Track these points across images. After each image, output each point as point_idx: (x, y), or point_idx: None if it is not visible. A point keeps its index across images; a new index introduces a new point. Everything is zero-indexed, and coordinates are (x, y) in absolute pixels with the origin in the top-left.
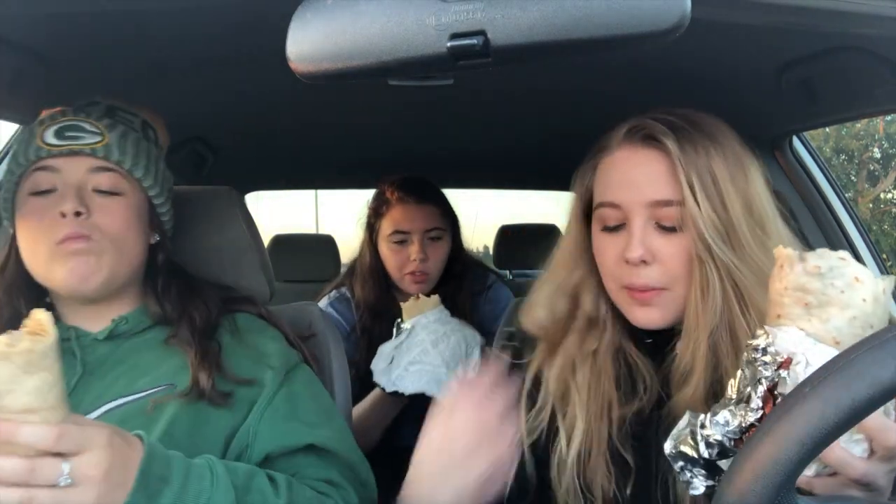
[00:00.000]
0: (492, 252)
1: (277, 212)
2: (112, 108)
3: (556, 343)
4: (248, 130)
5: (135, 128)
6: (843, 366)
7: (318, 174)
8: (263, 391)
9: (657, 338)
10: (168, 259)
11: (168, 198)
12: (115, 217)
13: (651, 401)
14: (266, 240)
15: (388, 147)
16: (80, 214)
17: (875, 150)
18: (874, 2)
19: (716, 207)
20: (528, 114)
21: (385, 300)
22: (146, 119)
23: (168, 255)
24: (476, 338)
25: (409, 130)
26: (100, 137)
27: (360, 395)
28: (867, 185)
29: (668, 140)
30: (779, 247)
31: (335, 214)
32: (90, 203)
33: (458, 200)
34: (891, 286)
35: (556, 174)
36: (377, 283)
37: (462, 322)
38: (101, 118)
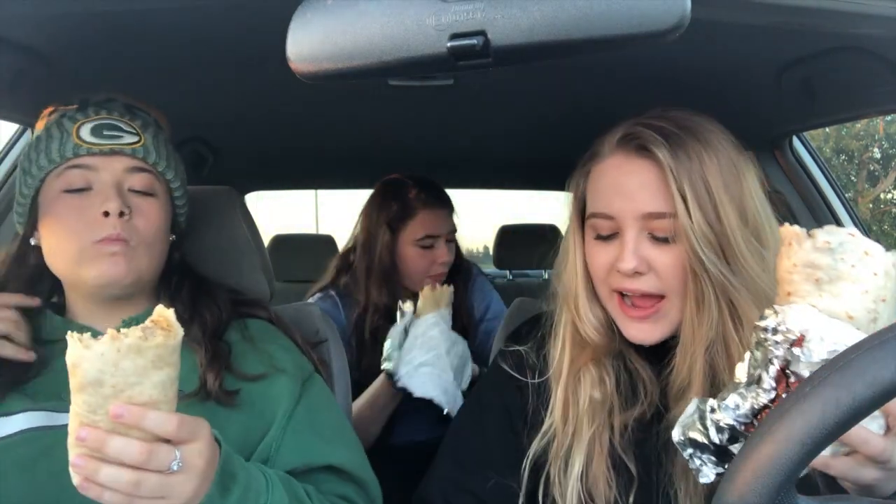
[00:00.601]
0: (492, 252)
1: (277, 212)
2: (129, 106)
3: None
4: (248, 130)
5: (153, 125)
6: (843, 366)
7: (318, 174)
8: (282, 403)
9: (655, 349)
10: (182, 259)
11: (186, 196)
12: (151, 219)
13: (651, 407)
14: (266, 240)
15: (388, 147)
16: (124, 215)
17: (875, 150)
18: (874, 2)
19: (709, 219)
20: (529, 114)
21: (395, 301)
22: (156, 118)
23: (182, 255)
24: (468, 355)
25: (409, 130)
26: (137, 138)
27: (354, 395)
28: (867, 185)
29: (661, 150)
30: (785, 225)
31: (335, 214)
32: (130, 203)
33: (459, 200)
34: None
35: (557, 174)
36: (393, 286)
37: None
38: (125, 114)
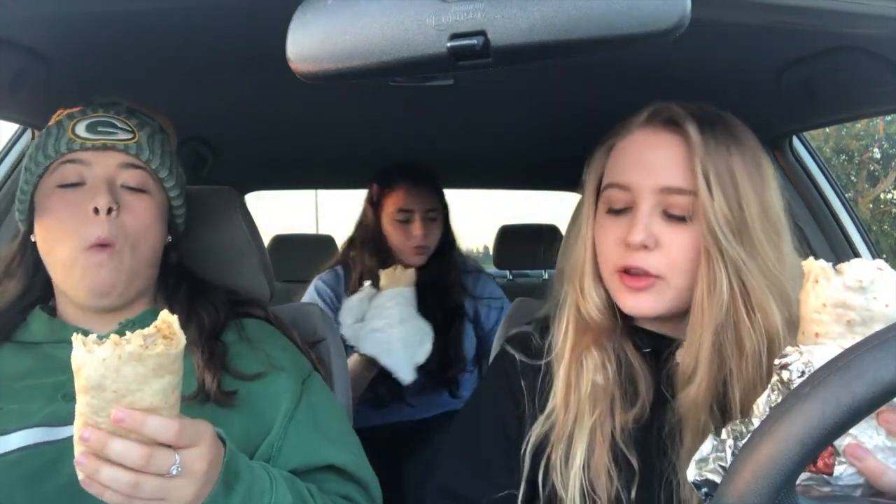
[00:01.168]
0: (492, 252)
1: (277, 212)
2: (132, 110)
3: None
4: (248, 130)
5: (155, 128)
6: (843, 366)
7: (318, 174)
8: (283, 402)
9: (657, 343)
10: (179, 260)
11: (184, 199)
12: (140, 216)
13: (651, 401)
14: (266, 240)
15: (389, 147)
16: (112, 211)
17: (875, 150)
18: (874, 2)
19: (730, 202)
20: (528, 114)
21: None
22: (161, 123)
23: (180, 256)
24: (429, 333)
25: (410, 130)
26: (131, 135)
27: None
28: (867, 185)
29: (690, 126)
30: (809, 259)
31: (335, 214)
32: (119, 199)
33: (459, 200)
34: None
35: (556, 174)
36: (378, 252)
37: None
38: (123, 113)
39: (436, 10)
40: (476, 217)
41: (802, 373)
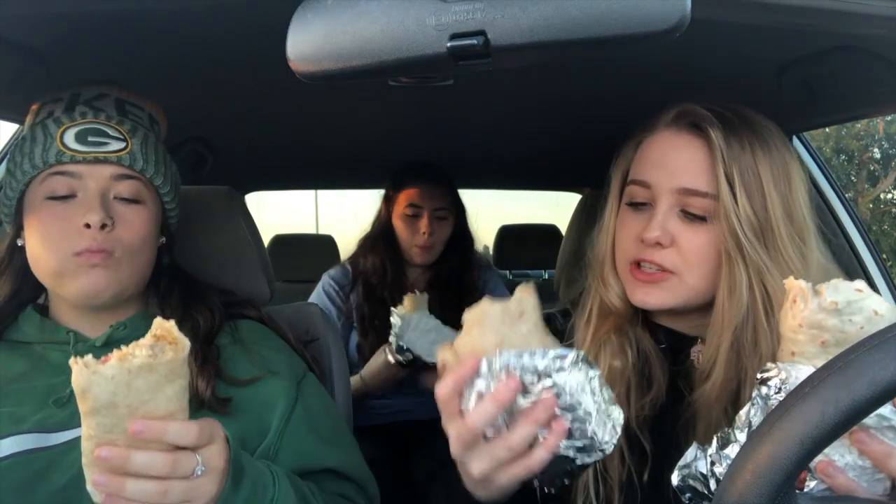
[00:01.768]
0: (492, 252)
1: (277, 212)
2: (121, 103)
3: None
4: (248, 130)
5: (145, 125)
6: (843, 366)
7: (318, 174)
8: (278, 406)
9: (674, 340)
10: (172, 262)
11: (177, 199)
12: (136, 228)
13: (667, 393)
14: (266, 240)
15: (388, 147)
16: (106, 226)
17: (875, 150)
18: (874, 2)
19: (755, 205)
20: (528, 114)
21: (392, 265)
22: (152, 113)
23: (172, 258)
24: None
25: (410, 131)
26: (124, 144)
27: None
28: (867, 185)
29: (715, 130)
30: (790, 278)
31: (335, 214)
32: (113, 213)
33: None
34: None
35: (557, 174)
36: (386, 249)
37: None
38: (114, 117)
39: (436, 10)
40: (476, 217)
41: (779, 389)
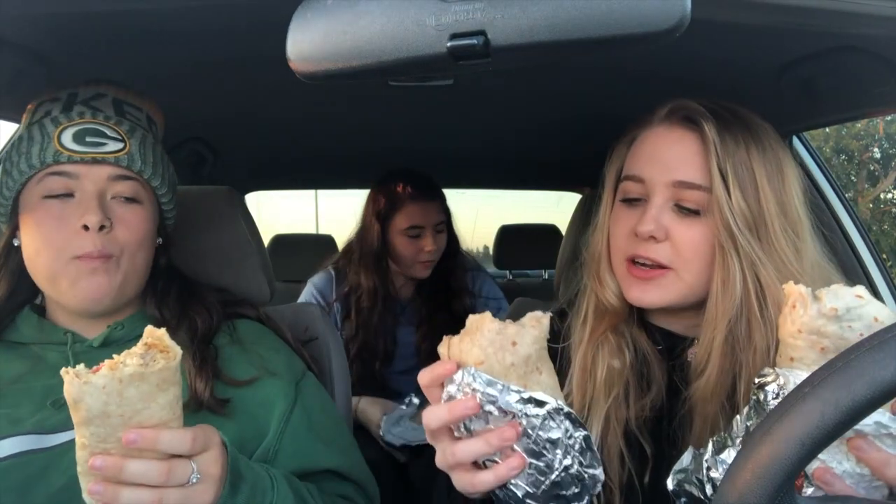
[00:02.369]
0: (492, 252)
1: (277, 212)
2: (119, 103)
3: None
4: (248, 130)
5: (143, 125)
6: (843, 366)
7: (318, 174)
8: (277, 406)
9: (669, 341)
10: (169, 262)
11: (174, 200)
12: (134, 228)
13: (664, 390)
14: (266, 240)
15: (388, 147)
16: (104, 228)
17: (875, 150)
18: (874, 2)
19: (748, 198)
20: (529, 114)
21: (385, 284)
22: (150, 113)
23: (169, 258)
24: None
25: (409, 130)
26: (122, 145)
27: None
28: (867, 185)
29: (708, 124)
30: (789, 283)
31: (335, 214)
32: (111, 214)
33: (459, 200)
34: None
35: (557, 174)
36: (380, 269)
37: None
38: (112, 117)
39: (436, 10)
40: (476, 217)
41: (777, 395)
